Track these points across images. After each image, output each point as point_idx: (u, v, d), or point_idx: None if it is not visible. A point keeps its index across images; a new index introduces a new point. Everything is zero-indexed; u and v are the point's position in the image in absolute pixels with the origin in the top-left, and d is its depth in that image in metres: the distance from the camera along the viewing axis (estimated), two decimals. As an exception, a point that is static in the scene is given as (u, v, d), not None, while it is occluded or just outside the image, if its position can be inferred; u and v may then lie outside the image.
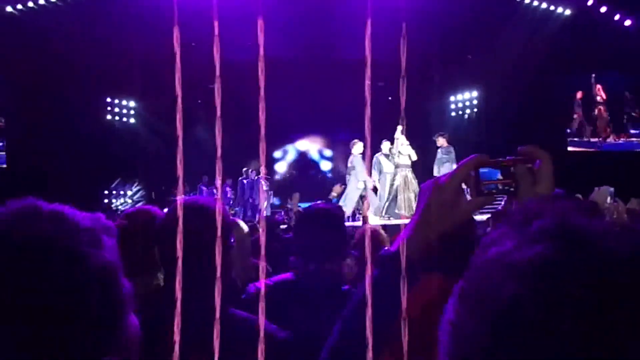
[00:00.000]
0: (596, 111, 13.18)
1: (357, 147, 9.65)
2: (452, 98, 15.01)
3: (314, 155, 16.34)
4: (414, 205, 9.02)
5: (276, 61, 10.41)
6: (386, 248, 0.84)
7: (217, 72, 0.63)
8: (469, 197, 0.85)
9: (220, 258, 0.63)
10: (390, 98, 10.79)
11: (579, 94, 13.13)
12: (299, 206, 9.84)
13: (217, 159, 0.62)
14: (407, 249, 0.70)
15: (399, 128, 9.40)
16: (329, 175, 15.91)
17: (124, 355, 0.66)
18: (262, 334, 0.56)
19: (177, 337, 0.56)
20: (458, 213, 0.82)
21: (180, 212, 0.59)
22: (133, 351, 0.68)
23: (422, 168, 10.23)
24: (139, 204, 13.07)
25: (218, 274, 0.58)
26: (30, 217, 0.64)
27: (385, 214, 9.75)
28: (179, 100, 0.61)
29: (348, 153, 10.19)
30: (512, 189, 0.82)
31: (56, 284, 0.60)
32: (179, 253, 0.57)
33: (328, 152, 16.24)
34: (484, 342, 0.43)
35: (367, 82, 0.62)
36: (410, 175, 9.66)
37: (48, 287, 0.60)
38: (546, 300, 0.41)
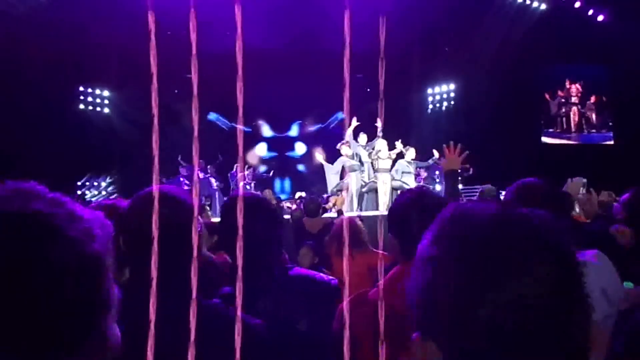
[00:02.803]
0: (573, 106, 13.47)
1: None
2: (429, 91, 15.11)
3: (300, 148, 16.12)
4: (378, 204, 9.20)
5: (260, 52, 10.30)
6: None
7: (195, 91, 0.62)
8: None
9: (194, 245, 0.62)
10: (368, 90, 10.82)
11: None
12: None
13: (195, 177, 0.61)
14: None
15: (381, 141, 9.51)
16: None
17: None
18: (239, 319, 0.56)
19: (150, 358, 0.54)
20: None
21: (145, 201, 0.58)
22: None
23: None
24: (113, 196, 12.85)
25: (194, 257, 0.58)
26: (29, 196, 0.61)
27: (357, 207, 9.78)
28: (156, 112, 0.59)
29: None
30: None
31: (40, 264, 0.57)
32: (152, 245, 0.56)
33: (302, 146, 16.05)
34: (460, 273, 0.56)
35: (346, 74, 0.61)
36: (388, 180, 9.67)
37: (32, 265, 0.57)
38: (503, 243, 0.57)
